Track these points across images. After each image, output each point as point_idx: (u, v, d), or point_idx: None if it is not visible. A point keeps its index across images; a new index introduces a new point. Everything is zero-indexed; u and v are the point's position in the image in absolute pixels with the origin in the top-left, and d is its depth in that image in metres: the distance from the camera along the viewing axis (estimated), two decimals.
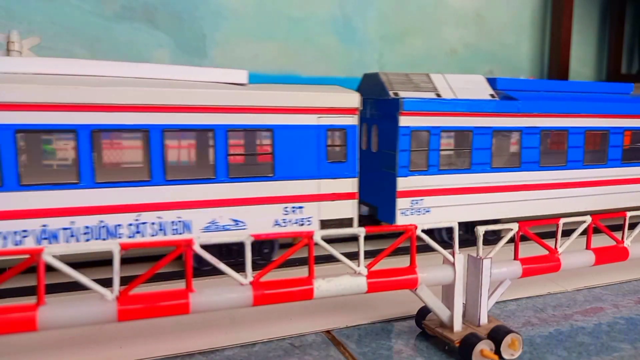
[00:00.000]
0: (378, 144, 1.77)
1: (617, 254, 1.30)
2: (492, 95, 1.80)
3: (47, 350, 1.03)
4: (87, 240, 1.30)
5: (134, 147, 1.44)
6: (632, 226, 1.35)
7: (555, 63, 3.31)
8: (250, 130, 1.47)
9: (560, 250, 1.20)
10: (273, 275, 0.95)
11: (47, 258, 0.78)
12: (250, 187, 1.46)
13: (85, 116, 1.26)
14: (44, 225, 1.26)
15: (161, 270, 1.09)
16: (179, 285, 0.91)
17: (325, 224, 1.56)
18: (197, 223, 1.41)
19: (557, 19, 3.29)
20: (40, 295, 0.79)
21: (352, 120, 1.56)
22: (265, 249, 1.56)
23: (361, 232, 0.99)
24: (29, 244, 1.25)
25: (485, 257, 1.07)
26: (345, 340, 1.11)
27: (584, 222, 1.23)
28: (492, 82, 1.85)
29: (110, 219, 1.31)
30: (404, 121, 1.63)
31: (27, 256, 0.79)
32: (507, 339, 1.02)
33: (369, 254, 1.01)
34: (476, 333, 1.03)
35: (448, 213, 1.73)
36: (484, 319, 1.08)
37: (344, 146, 1.57)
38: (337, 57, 2.81)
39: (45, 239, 1.27)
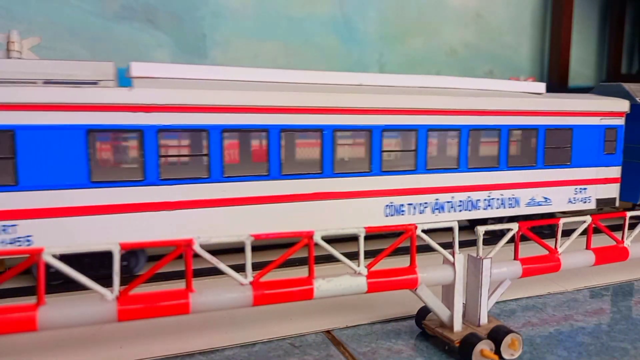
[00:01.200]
0: None
1: (617, 254, 1.30)
2: None
3: (47, 350, 1.03)
4: (461, 211, 1.77)
5: (491, 144, 1.88)
6: (632, 226, 1.35)
7: (555, 63, 3.31)
8: (560, 130, 1.92)
9: (560, 250, 1.20)
10: (273, 275, 0.95)
11: (47, 258, 0.78)
12: (556, 173, 1.93)
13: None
14: (437, 199, 1.71)
15: (161, 270, 1.09)
16: (179, 285, 0.91)
17: (598, 202, 2.04)
18: (523, 200, 1.88)
19: (557, 19, 3.29)
20: (40, 295, 0.79)
21: (621, 121, 2.04)
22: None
23: (361, 232, 0.99)
24: (427, 213, 1.70)
25: (485, 257, 1.07)
26: (345, 340, 1.11)
27: (584, 222, 1.23)
28: None
29: (474, 195, 1.79)
30: None
31: (27, 256, 0.79)
32: (507, 339, 1.02)
33: (369, 254, 1.01)
34: (476, 333, 1.03)
35: None
36: (484, 319, 1.08)
37: (614, 141, 2.03)
38: (337, 57, 2.81)
39: (436, 209, 1.72)
